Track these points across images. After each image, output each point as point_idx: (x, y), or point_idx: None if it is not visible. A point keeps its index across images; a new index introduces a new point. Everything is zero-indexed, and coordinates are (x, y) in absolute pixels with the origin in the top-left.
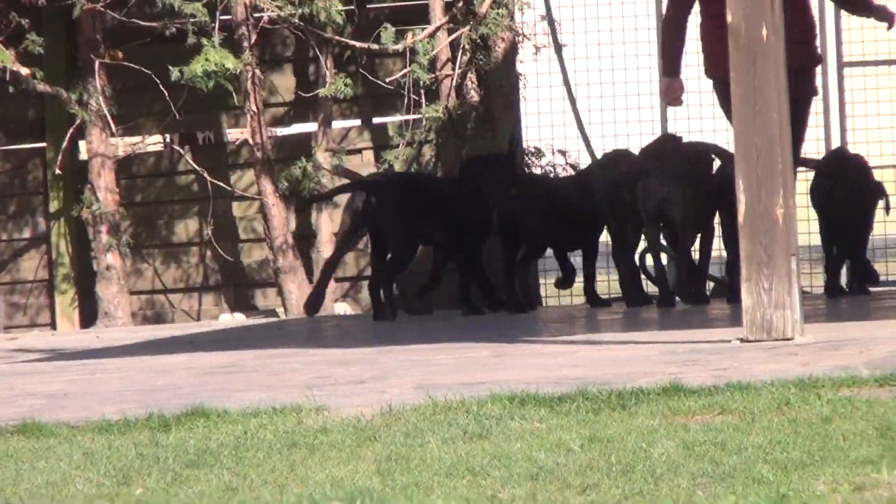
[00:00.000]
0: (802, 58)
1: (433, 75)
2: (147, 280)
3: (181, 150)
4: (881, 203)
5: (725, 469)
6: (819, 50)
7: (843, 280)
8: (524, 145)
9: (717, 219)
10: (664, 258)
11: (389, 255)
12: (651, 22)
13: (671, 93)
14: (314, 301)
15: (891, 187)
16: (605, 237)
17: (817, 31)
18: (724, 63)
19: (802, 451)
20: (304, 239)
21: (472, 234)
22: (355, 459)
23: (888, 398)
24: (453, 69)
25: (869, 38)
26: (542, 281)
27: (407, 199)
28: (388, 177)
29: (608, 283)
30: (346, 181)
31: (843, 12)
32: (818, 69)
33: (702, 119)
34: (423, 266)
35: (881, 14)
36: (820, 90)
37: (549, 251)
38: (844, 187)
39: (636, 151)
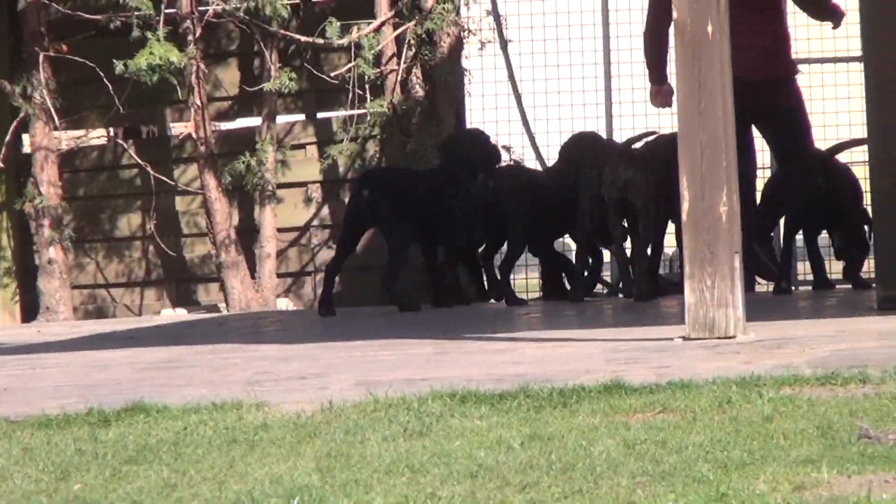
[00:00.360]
0: (780, 67)
1: (378, 70)
2: (89, 274)
3: (125, 144)
4: None
5: (666, 468)
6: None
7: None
8: None
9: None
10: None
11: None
12: (597, 17)
13: (659, 99)
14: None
15: None
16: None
17: (791, 41)
18: None
19: (743, 450)
20: (247, 234)
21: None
22: (295, 456)
23: (829, 397)
24: (398, 64)
25: (815, 36)
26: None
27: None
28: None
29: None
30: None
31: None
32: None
33: (646, 115)
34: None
35: (836, 16)
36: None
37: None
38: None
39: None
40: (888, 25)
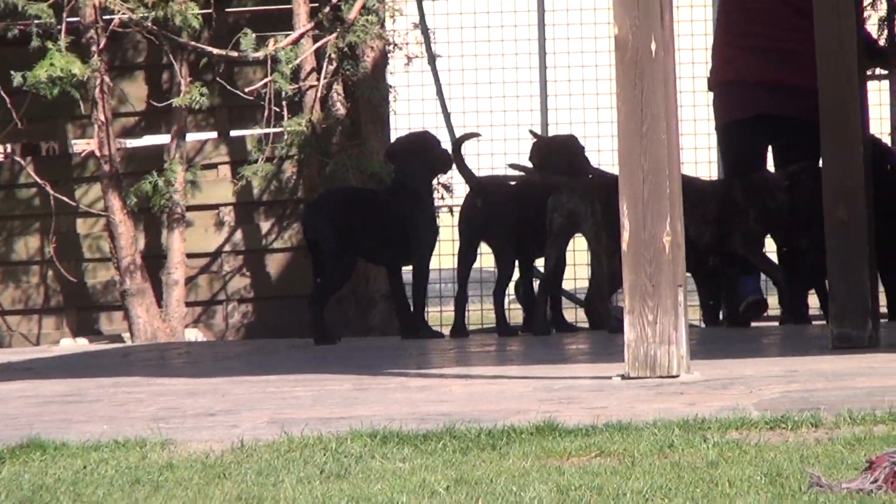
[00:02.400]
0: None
1: (296, 86)
2: None
3: (22, 162)
4: None
5: None
6: None
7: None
8: None
9: None
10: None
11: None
12: (532, 32)
13: None
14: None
15: None
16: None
17: None
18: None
19: (686, 498)
20: (154, 259)
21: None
22: (203, 499)
23: (779, 442)
24: (318, 79)
25: None
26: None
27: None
28: None
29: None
30: None
31: None
32: None
33: (585, 137)
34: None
35: (882, 59)
36: None
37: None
38: None
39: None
40: (838, 59)
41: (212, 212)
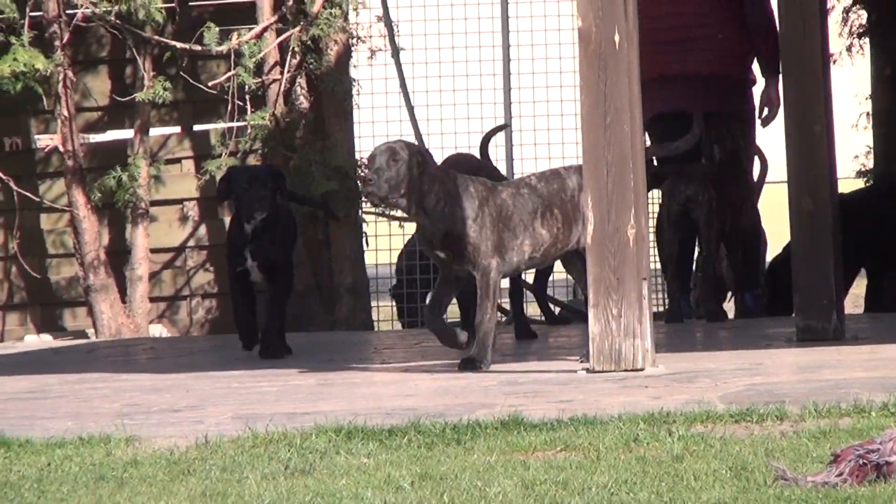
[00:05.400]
0: (734, 72)
1: (260, 80)
2: None
3: None
4: None
5: None
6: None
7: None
8: (357, 156)
9: None
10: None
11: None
12: (496, 25)
13: None
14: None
15: None
16: None
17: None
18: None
19: (651, 492)
20: (118, 255)
21: None
22: (167, 495)
23: (744, 435)
24: (282, 73)
25: None
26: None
27: None
28: None
29: None
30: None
31: None
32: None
33: (549, 130)
34: None
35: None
36: None
37: None
38: None
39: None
40: (803, 50)
41: (176, 206)
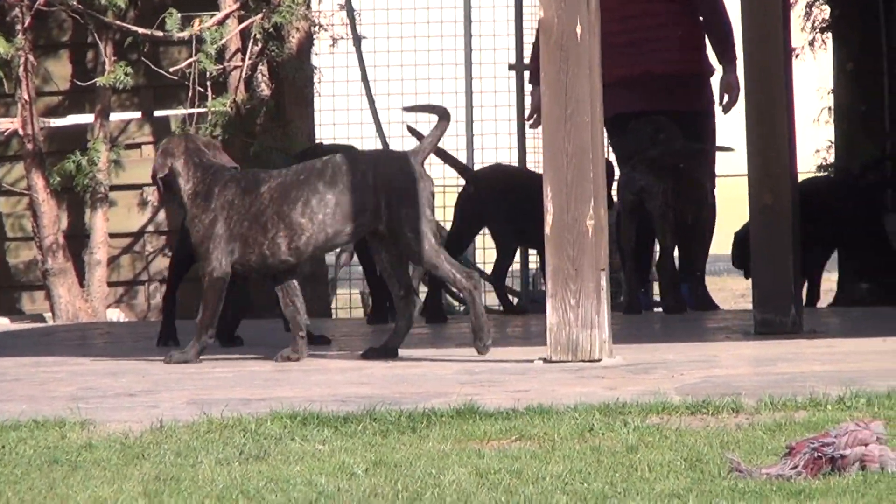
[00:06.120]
0: (694, 66)
1: (221, 66)
2: None
3: None
4: None
5: (521, 499)
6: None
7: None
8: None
9: None
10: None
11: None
12: (458, 14)
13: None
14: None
15: None
16: None
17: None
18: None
19: (605, 482)
20: (77, 239)
21: None
22: (121, 479)
23: (699, 427)
24: (243, 60)
25: None
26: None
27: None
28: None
29: None
30: None
31: None
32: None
33: (510, 121)
34: None
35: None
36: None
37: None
38: None
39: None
40: (765, 44)
41: (135, 191)
